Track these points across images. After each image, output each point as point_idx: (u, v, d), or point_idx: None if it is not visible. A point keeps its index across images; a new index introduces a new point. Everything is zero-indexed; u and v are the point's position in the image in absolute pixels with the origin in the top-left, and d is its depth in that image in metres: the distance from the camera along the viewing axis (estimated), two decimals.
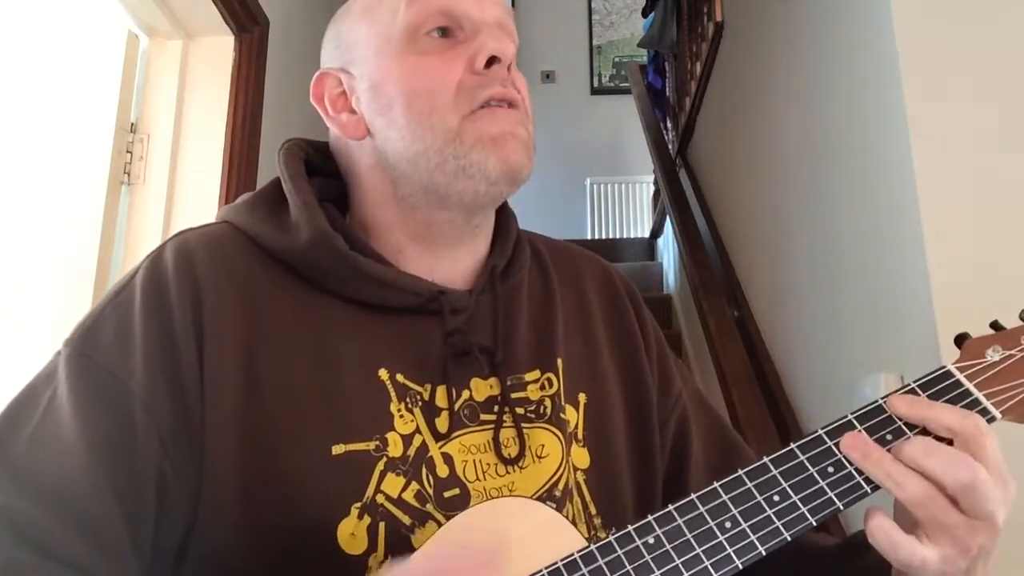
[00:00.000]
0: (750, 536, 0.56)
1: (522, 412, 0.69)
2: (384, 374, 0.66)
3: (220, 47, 1.89)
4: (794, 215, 2.04)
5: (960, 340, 0.65)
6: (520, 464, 0.67)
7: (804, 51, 1.94)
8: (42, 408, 0.61)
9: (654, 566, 0.55)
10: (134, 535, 0.59)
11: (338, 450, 0.63)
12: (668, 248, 4.15)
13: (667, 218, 3.70)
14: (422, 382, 0.67)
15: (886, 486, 0.57)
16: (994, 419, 0.60)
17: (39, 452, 0.59)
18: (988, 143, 1.29)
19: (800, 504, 0.57)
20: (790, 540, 0.56)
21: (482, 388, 0.69)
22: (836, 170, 1.71)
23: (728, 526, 0.57)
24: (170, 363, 0.62)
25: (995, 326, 0.66)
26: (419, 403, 0.66)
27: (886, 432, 0.60)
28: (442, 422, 0.66)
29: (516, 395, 0.70)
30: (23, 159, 1.65)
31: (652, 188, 5.05)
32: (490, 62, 0.69)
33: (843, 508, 0.57)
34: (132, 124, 1.78)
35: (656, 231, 4.70)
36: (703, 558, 0.56)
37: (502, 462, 0.67)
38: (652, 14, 4.04)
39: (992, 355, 0.63)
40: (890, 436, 0.60)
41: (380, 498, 0.62)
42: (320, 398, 0.64)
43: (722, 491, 0.58)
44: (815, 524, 0.57)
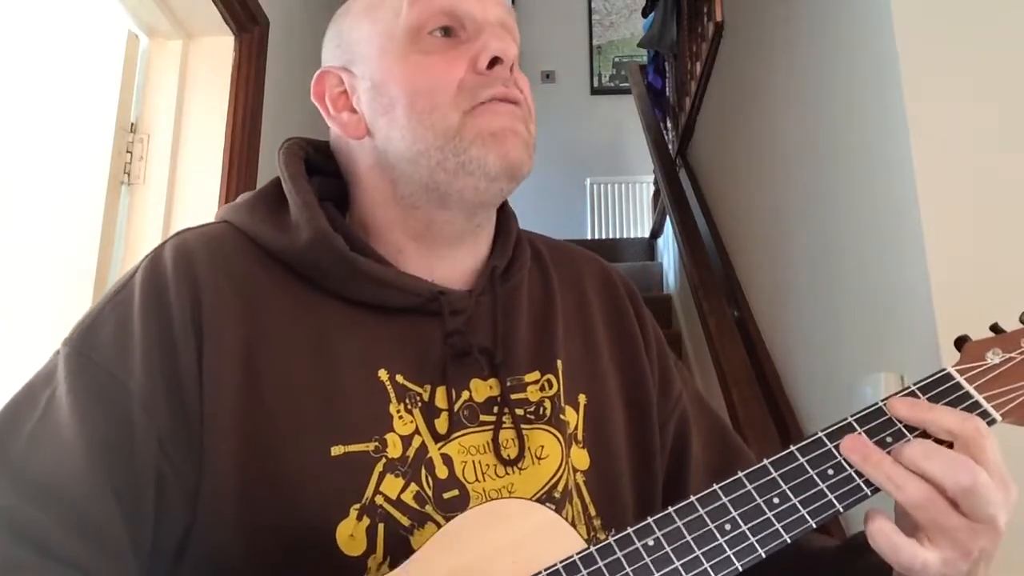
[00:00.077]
0: (750, 538, 0.56)
1: (522, 413, 0.69)
2: (384, 375, 0.66)
3: (220, 47, 1.89)
4: (794, 215, 2.04)
5: (960, 343, 0.65)
6: (519, 465, 0.67)
7: (804, 51, 1.94)
8: (41, 407, 0.61)
9: (654, 568, 0.55)
10: (133, 535, 0.59)
11: (337, 451, 0.62)
12: (668, 248, 4.15)
13: (667, 218, 3.70)
14: (422, 383, 0.67)
15: (886, 488, 0.57)
16: (994, 421, 0.60)
17: (38, 451, 0.59)
18: (988, 143, 1.29)
19: (800, 506, 0.57)
20: (790, 542, 0.56)
21: (482, 389, 0.69)
22: (836, 170, 1.71)
23: (728, 528, 0.57)
24: (169, 363, 0.62)
25: (995, 329, 0.66)
26: (418, 404, 0.66)
27: (886, 434, 0.60)
28: (441, 423, 0.66)
29: (516, 396, 0.70)
30: (23, 159, 1.65)
31: (652, 188, 5.05)
32: (492, 63, 0.69)
33: (843, 510, 0.57)
34: (132, 124, 1.77)
35: (656, 231, 4.70)
36: (703, 560, 0.55)
37: (501, 463, 0.67)
38: (652, 14, 4.04)
39: (992, 358, 0.63)
40: (890, 438, 0.59)
41: (379, 499, 0.62)
42: (319, 398, 0.64)
43: (722, 493, 0.58)
44: (815, 526, 0.57)
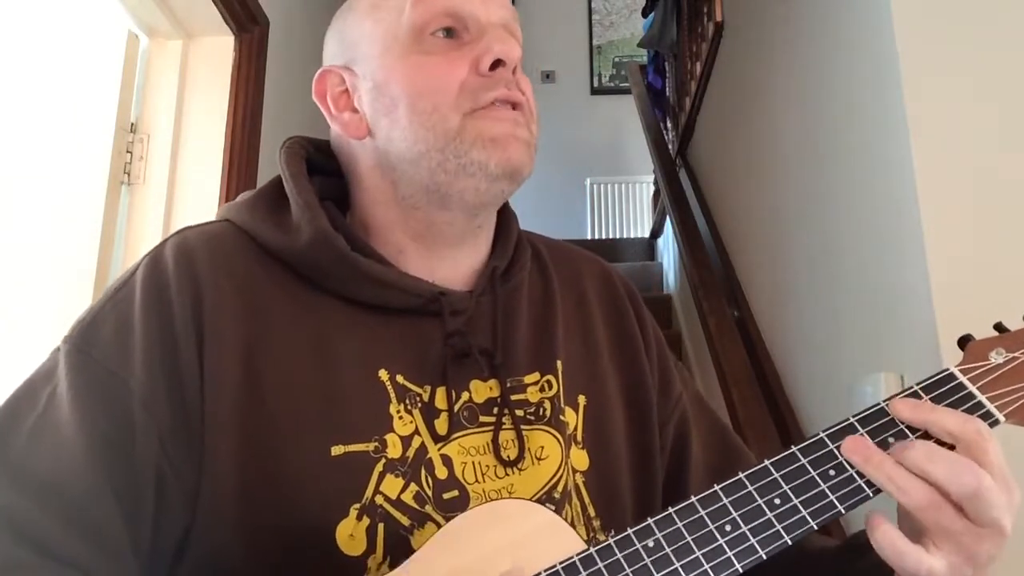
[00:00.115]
0: (750, 539, 0.56)
1: (521, 414, 0.69)
2: (384, 375, 0.66)
3: (220, 47, 1.89)
4: (794, 215, 2.04)
5: (963, 342, 0.64)
6: (519, 466, 0.67)
7: (804, 51, 1.94)
8: (41, 405, 0.61)
9: (653, 569, 0.55)
10: (133, 535, 0.59)
11: (337, 451, 0.62)
12: (668, 248, 4.15)
13: (667, 218, 3.69)
14: (422, 383, 0.67)
15: (890, 491, 0.56)
16: (997, 422, 0.59)
17: (38, 449, 0.59)
18: (988, 143, 1.29)
19: (801, 507, 0.57)
20: (791, 543, 0.56)
21: (481, 390, 0.69)
22: (836, 170, 1.70)
23: (728, 529, 0.56)
24: (170, 360, 0.62)
25: (999, 328, 0.65)
26: (418, 404, 0.66)
27: (888, 435, 0.59)
28: (441, 424, 0.66)
29: (515, 397, 0.70)
30: (23, 159, 1.65)
31: (652, 188, 5.05)
32: (495, 64, 0.68)
33: (844, 511, 0.57)
34: (132, 124, 1.77)
35: (656, 231, 4.69)
36: (703, 561, 0.55)
37: (501, 464, 0.67)
38: (652, 14, 4.04)
39: (996, 357, 0.62)
40: (892, 439, 0.59)
41: (379, 499, 0.62)
42: (320, 398, 0.64)
43: (722, 494, 0.58)
44: (816, 527, 0.57)
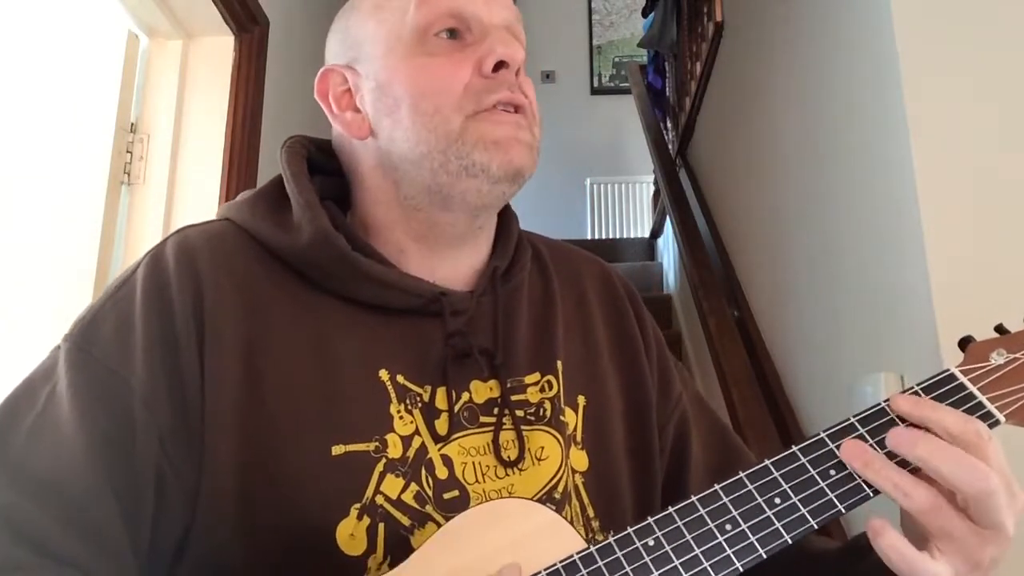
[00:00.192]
0: (750, 538, 0.56)
1: (522, 414, 0.69)
2: (384, 375, 0.66)
3: (220, 47, 1.89)
4: (794, 215, 2.04)
5: (964, 343, 0.64)
6: (519, 466, 0.67)
7: (804, 51, 1.94)
8: (41, 403, 0.61)
9: (653, 568, 0.55)
10: (132, 534, 0.58)
11: (338, 451, 0.62)
12: (668, 248, 4.15)
13: (667, 218, 3.69)
14: (422, 384, 0.67)
15: (893, 496, 0.56)
16: (998, 423, 0.59)
17: (38, 448, 0.59)
18: (988, 143, 1.29)
19: (801, 506, 0.57)
20: (791, 542, 0.56)
21: (482, 390, 0.69)
22: (836, 170, 1.70)
23: (728, 528, 0.56)
24: (171, 359, 0.62)
25: (999, 329, 0.65)
26: (419, 404, 0.66)
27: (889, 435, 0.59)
28: (441, 424, 0.66)
29: (516, 397, 0.70)
30: (23, 159, 1.65)
31: (652, 188, 5.05)
32: (498, 66, 0.68)
33: (845, 511, 0.57)
34: (132, 124, 1.77)
35: (656, 231, 4.69)
36: (702, 559, 0.55)
37: (501, 464, 0.67)
38: (652, 14, 4.04)
39: (996, 358, 0.62)
40: None
41: (379, 499, 0.62)
42: (320, 398, 0.64)
43: (723, 493, 0.58)
44: (816, 527, 0.57)
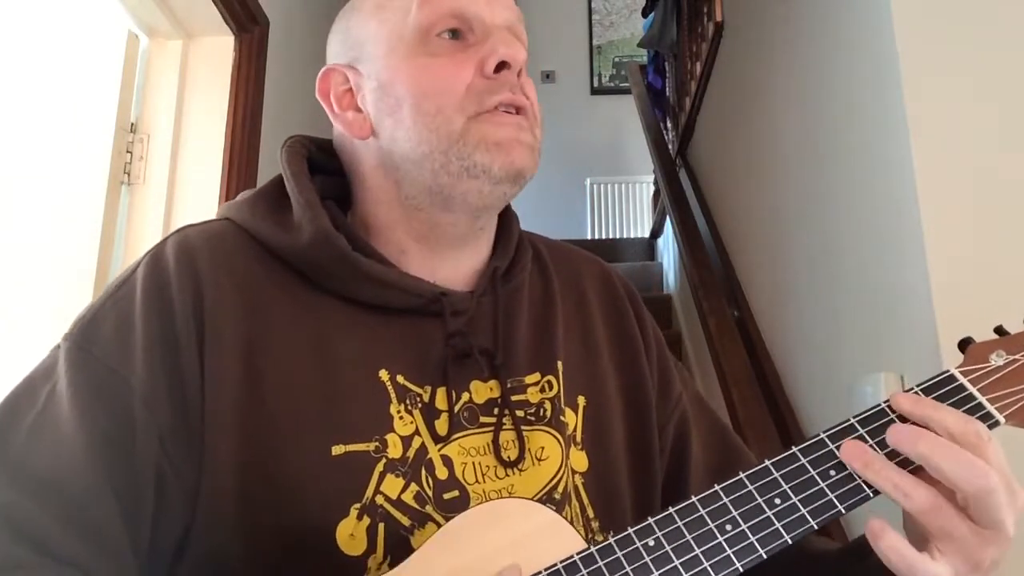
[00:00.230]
0: (750, 538, 0.56)
1: (522, 415, 0.69)
2: (384, 375, 0.66)
3: (220, 47, 1.89)
4: (794, 215, 2.04)
5: (964, 345, 0.65)
6: (520, 467, 0.67)
7: (804, 51, 1.94)
8: (41, 402, 0.61)
9: (653, 568, 0.55)
10: (132, 534, 0.58)
11: (338, 451, 0.62)
12: (668, 248, 4.15)
13: (667, 218, 3.69)
14: (422, 384, 0.67)
15: (893, 496, 0.56)
16: (997, 423, 0.60)
17: (38, 447, 0.59)
18: (988, 143, 1.29)
19: (801, 506, 0.57)
20: (791, 543, 0.56)
21: (482, 390, 0.69)
22: (836, 170, 1.70)
23: (728, 528, 0.56)
24: (171, 358, 0.62)
25: (999, 331, 0.65)
26: (419, 405, 0.66)
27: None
28: (441, 424, 0.66)
29: (516, 398, 0.70)
30: (23, 159, 1.65)
31: (652, 188, 5.05)
32: (500, 67, 0.68)
33: (845, 512, 0.57)
34: (132, 124, 1.77)
35: (656, 231, 4.69)
36: (703, 559, 0.55)
37: (501, 465, 0.67)
38: (652, 14, 4.04)
39: (996, 360, 0.62)
40: None
41: (379, 499, 0.62)
42: (320, 398, 0.64)
43: (723, 493, 0.58)
44: (816, 527, 0.57)
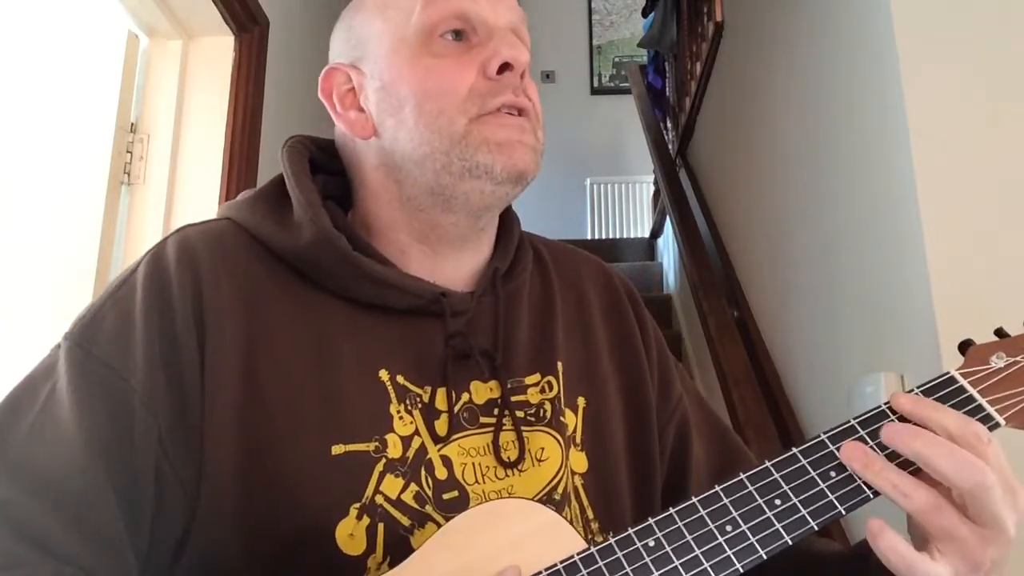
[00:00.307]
0: (750, 539, 0.56)
1: (522, 415, 0.69)
2: (384, 375, 0.66)
3: (220, 47, 1.89)
4: (794, 215, 2.04)
5: (964, 347, 0.65)
6: (519, 467, 0.67)
7: (804, 51, 1.94)
8: (41, 401, 0.61)
9: (654, 568, 0.55)
10: (132, 533, 0.58)
11: (338, 450, 0.62)
12: (668, 248, 4.15)
13: (667, 218, 3.70)
14: (422, 384, 0.67)
15: (892, 497, 0.56)
16: (997, 425, 0.60)
17: (38, 446, 0.59)
18: (988, 143, 1.29)
19: (801, 507, 0.57)
20: (791, 544, 0.56)
21: (482, 391, 0.69)
22: (836, 170, 1.70)
23: (729, 529, 0.56)
24: (171, 358, 0.62)
25: (999, 333, 0.65)
26: (419, 405, 0.66)
27: None
28: (441, 425, 0.66)
29: (516, 398, 0.70)
30: (23, 159, 1.65)
31: (652, 188, 5.05)
32: (503, 68, 0.68)
33: (845, 512, 0.57)
34: (132, 124, 1.77)
35: (656, 231, 4.70)
36: (702, 560, 0.55)
37: (501, 465, 0.67)
38: (652, 14, 4.04)
39: (996, 361, 0.63)
40: None
41: (379, 499, 0.62)
42: (320, 398, 0.64)
43: (723, 494, 0.58)
44: (816, 528, 0.57)
